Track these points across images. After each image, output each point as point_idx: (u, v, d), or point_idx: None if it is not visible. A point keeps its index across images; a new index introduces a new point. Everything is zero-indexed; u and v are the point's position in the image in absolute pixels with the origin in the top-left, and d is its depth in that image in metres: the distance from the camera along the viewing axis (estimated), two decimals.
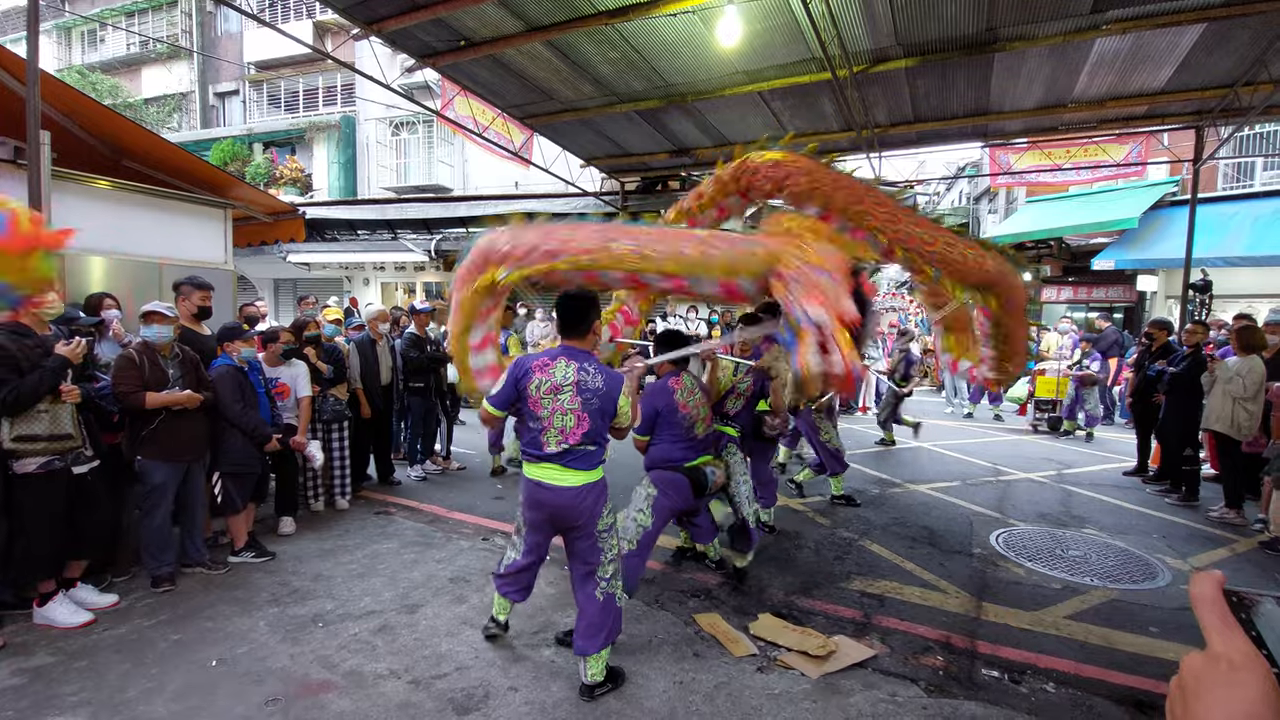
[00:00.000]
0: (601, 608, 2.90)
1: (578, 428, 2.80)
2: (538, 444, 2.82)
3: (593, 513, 2.89)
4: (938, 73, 6.88)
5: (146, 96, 21.29)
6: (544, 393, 2.78)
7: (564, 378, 2.80)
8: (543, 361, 2.84)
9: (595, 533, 2.91)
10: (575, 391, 2.80)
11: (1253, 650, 0.44)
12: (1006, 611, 3.76)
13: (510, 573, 3.12)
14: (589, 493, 2.87)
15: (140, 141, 6.09)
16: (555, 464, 2.82)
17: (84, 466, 3.41)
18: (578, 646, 2.89)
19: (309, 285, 16.81)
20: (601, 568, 2.94)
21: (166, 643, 3.27)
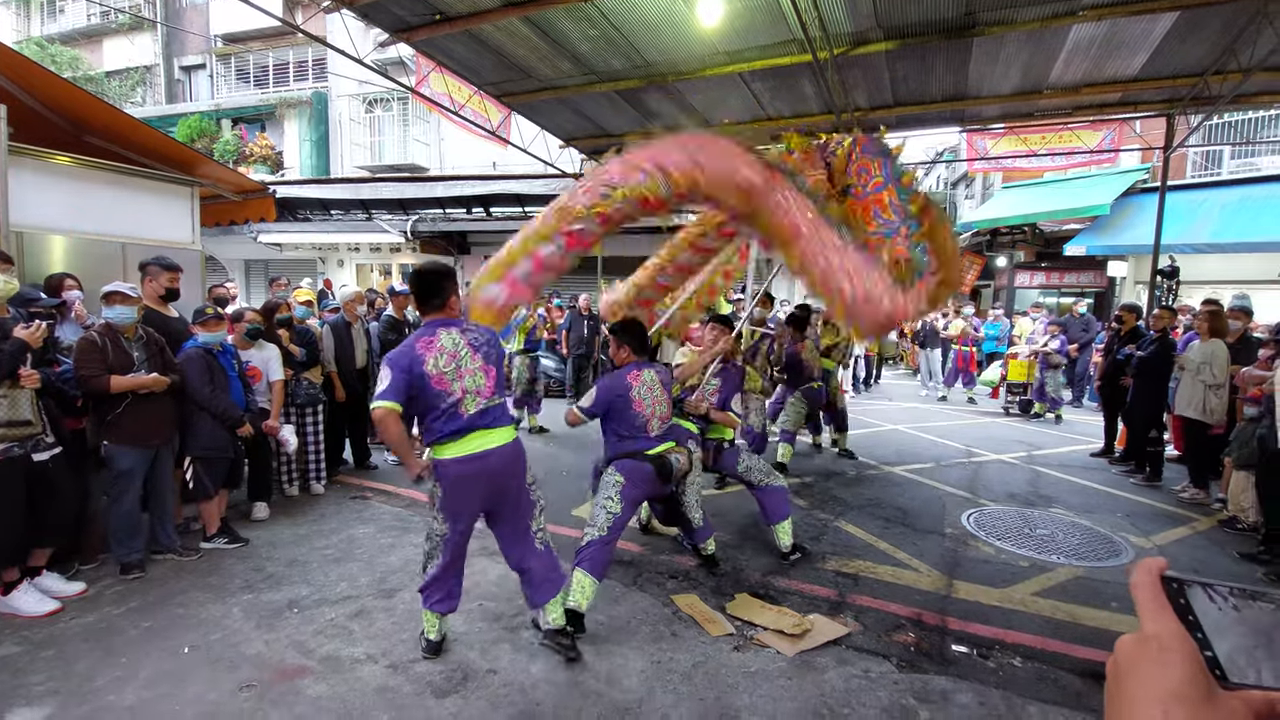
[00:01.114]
0: (544, 556, 3.02)
1: (488, 380, 2.88)
2: (455, 416, 2.79)
3: (523, 468, 2.97)
4: (917, 56, 6.88)
5: (108, 69, 20.50)
6: (444, 366, 2.78)
7: (455, 345, 2.83)
8: (424, 342, 2.80)
9: (527, 486, 2.99)
10: (472, 350, 2.86)
11: (1182, 632, 0.45)
12: (976, 589, 3.85)
13: (435, 579, 2.94)
14: (518, 447, 2.96)
15: (102, 116, 5.86)
16: (478, 430, 2.83)
17: (45, 454, 3.31)
18: (534, 599, 2.99)
19: (281, 266, 16.45)
20: (535, 520, 3.02)
21: (137, 630, 3.22)
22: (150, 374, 3.73)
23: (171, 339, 4.16)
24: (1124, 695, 0.46)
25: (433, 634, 3.04)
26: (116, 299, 3.69)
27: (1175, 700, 0.40)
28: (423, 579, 3.00)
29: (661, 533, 4.57)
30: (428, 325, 2.89)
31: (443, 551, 2.92)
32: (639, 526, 4.66)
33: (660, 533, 4.58)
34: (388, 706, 2.66)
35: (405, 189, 14.38)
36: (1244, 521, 4.92)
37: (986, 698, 2.81)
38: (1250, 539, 4.73)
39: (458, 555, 2.98)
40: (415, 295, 2.95)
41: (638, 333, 3.65)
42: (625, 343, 3.59)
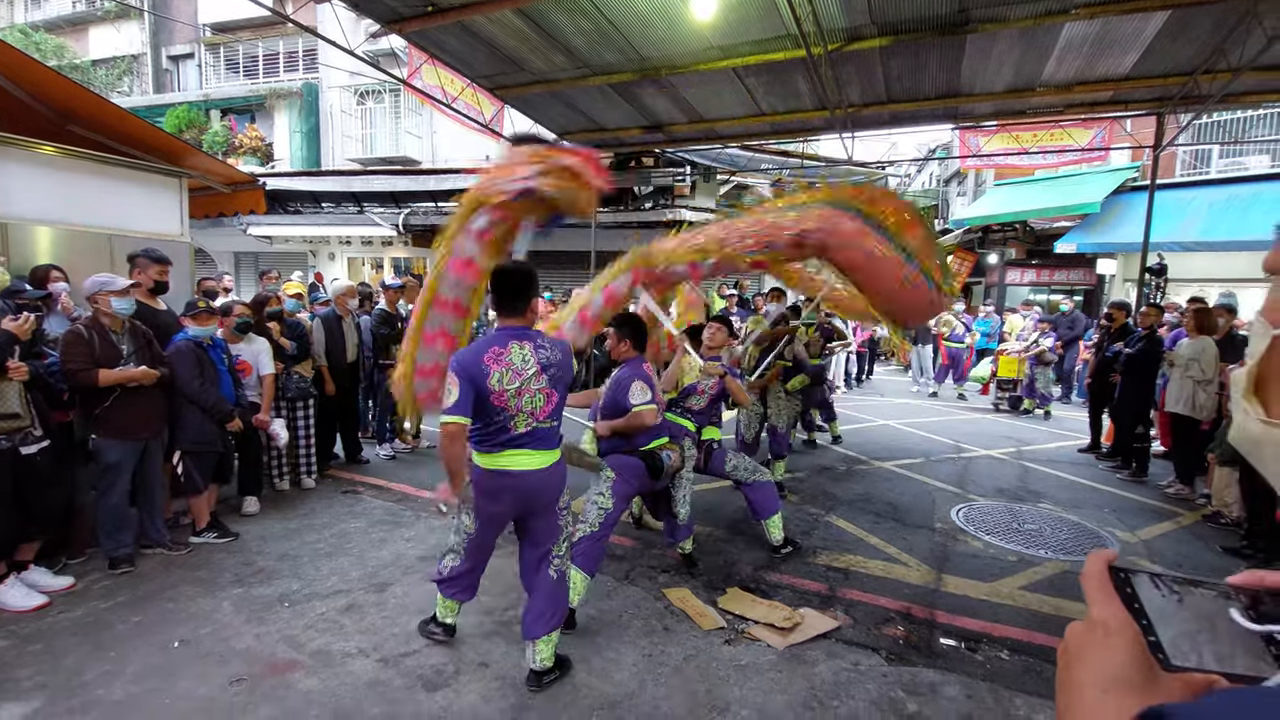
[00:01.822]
0: (555, 586, 2.84)
1: (547, 405, 2.71)
2: (504, 430, 2.65)
3: (559, 490, 2.84)
4: (911, 53, 6.89)
5: (94, 58, 20.20)
6: (507, 384, 2.60)
7: (524, 362, 2.65)
8: (494, 353, 2.62)
9: (558, 510, 2.86)
10: (540, 370, 2.68)
11: (1126, 617, 0.47)
12: (965, 583, 3.89)
13: (456, 575, 2.95)
14: (557, 470, 2.80)
15: (88, 106, 5.78)
16: (521, 448, 2.68)
17: (33, 447, 3.28)
18: (528, 630, 2.78)
19: (271, 259, 16.30)
20: (557, 546, 2.88)
21: (126, 625, 3.20)
22: (139, 367, 3.70)
23: (159, 332, 4.12)
24: (1071, 678, 0.48)
25: (450, 618, 3.07)
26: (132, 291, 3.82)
27: (1117, 681, 0.42)
28: (439, 571, 2.97)
29: (654, 527, 4.58)
30: (500, 333, 2.70)
31: (467, 553, 2.89)
32: (632, 521, 4.68)
33: (653, 527, 4.59)
34: (379, 700, 2.66)
35: (397, 182, 14.27)
36: (1228, 517, 4.99)
37: (974, 690, 2.84)
38: (1233, 534, 4.80)
39: (482, 559, 2.97)
40: (495, 296, 2.73)
41: (638, 327, 3.64)
42: (626, 336, 3.57)
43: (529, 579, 2.88)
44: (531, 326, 2.79)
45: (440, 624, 3.09)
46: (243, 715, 2.56)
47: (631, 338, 3.57)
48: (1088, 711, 0.44)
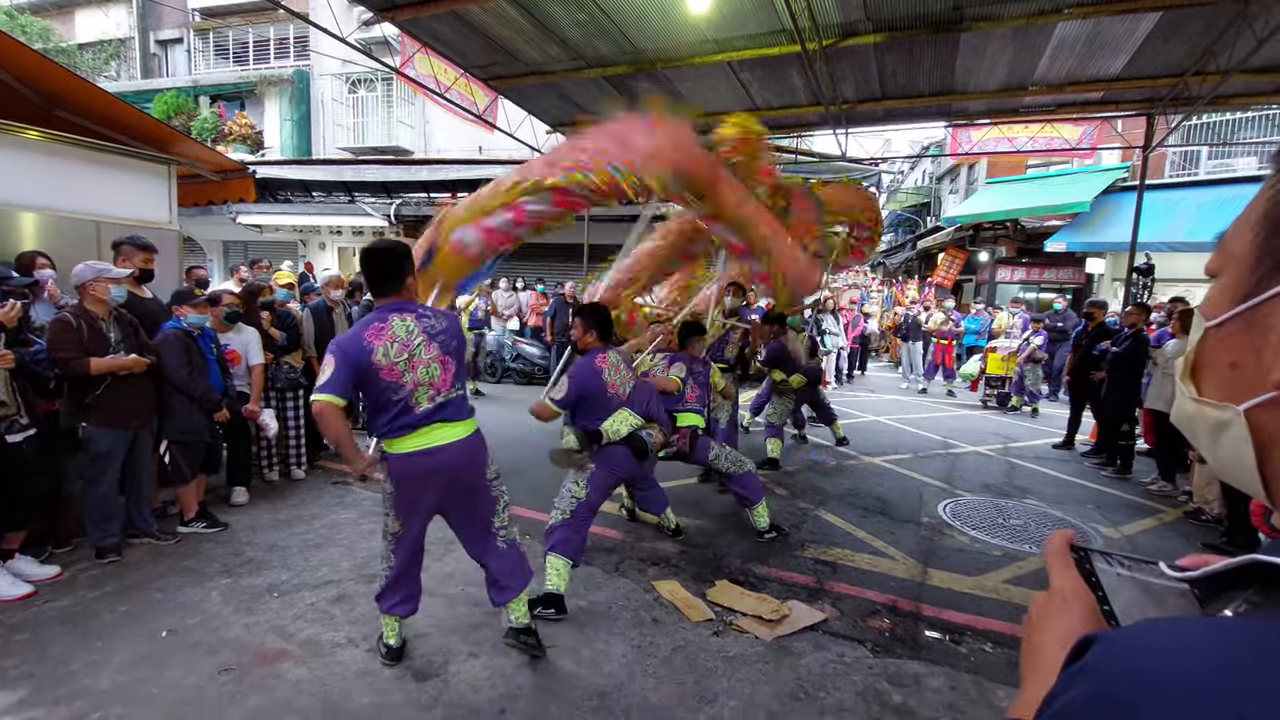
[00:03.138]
0: (506, 555, 2.85)
1: (444, 373, 2.65)
2: (407, 410, 2.58)
3: (482, 463, 2.79)
4: (905, 50, 6.90)
5: (81, 42, 19.87)
6: (395, 356, 2.54)
7: (409, 333, 2.59)
8: (375, 329, 2.55)
9: (487, 482, 2.81)
10: (427, 339, 2.62)
11: (1081, 586, 0.54)
12: (950, 577, 3.94)
13: (391, 582, 2.78)
14: (476, 441, 2.76)
15: (75, 90, 5.70)
16: (434, 423, 2.61)
17: (19, 435, 3.25)
18: (494, 599, 2.85)
19: (261, 248, 16.17)
20: (498, 516, 2.86)
21: (113, 614, 3.19)
22: (129, 355, 3.68)
23: (145, 320, 4.09)
24: (1033, 640, 0.54)
25: (392, 639, 2.86)
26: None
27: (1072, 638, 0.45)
28: (379, 583, 2.82)
29: (644, 520, 4.61)
30: (380, 310, 2.63)
31: (397, 552, 2.74)
32: (625, 514, 4.69)
33: (643, 520, 4.62)
34: (368, 690, 2.67)
35: (389, 172, 14.17)
36: (1209, 513, 5.07)
37: (957, 681, 2.88)
38: (1214, 530, 4.88)
39: (414, 556, 2.80)
40: (367, 277, 2.69)
41: (602, 316, 3.66)
42: (591, 326, 3.58)
43: (476, 555, 2.86)
44: (408, 300, 2.72)
45: (385, 646, 2.87)
46: (231, 705, 2.56)
47: (596, 328, 3.59)
48: (1047, 666, 0.50)
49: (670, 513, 4.36)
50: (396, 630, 2.88)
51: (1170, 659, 0.37)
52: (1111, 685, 0.37)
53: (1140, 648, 0.39)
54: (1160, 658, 0.37)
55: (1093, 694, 0.38)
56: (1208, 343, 0.49)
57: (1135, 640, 0.40)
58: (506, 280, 12.26)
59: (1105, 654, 0.40)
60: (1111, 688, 0.37)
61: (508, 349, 11.32)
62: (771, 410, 6.48)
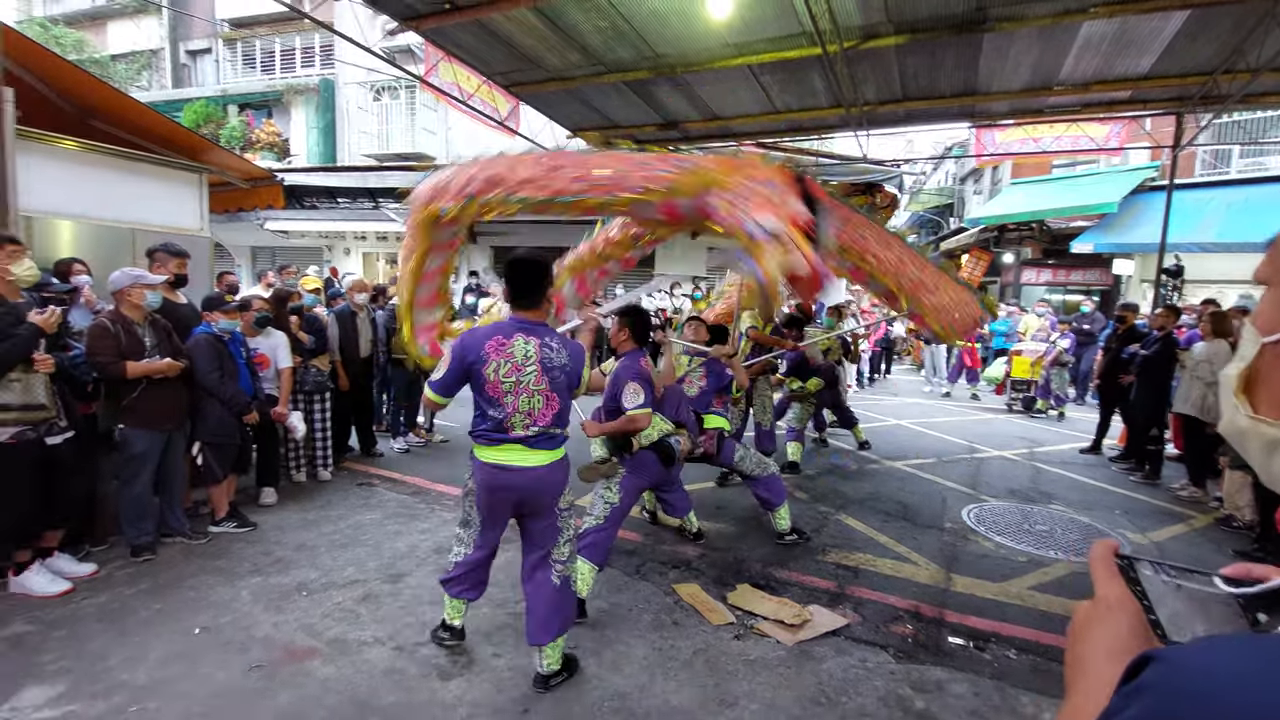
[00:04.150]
0: (557, 593, 2.75)
1: (547, 409, 2.60)
2: (500, 429, 2.59)
3: (556, 491, 2.75)
4: (927, 51, 6.85)
5: (113, 53, 20.42)
6: (504, 375, 2.54)
7: (525, 356, 2.56)
8: (497, 341, 2.56)
9: (557, 511, 2.78)
10: (541, 370, 2.57)
11: (1127, 594, 0.53)
12: (974, 583, 3.90)
13: (461, 571, 2.86)
14: (556, 470, 2.72)
15: (109, 101, 5.88)
16: (520, 445, 2.61)
17: (58, 437, 3.36)
18: (531, 635, 2.71)
19: (288, 254, 16.48)
20: (557, 549, 2.79)
21: (148, 611, 3.28)
22: (164, 359, 3.78)
23: (178, 325, 4.20)
24: (1078, 651, 0.53)
25: (457, 620, 2.96)
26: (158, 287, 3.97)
27: (1119, 650, 0.46)
28: (447, 570, 2.91)
29: (665, 524, 4.62)
30: (512, 321, 2.63)
31: (474, 546, 2.83)
32: (646, 517, 4.71)
33: (664, 524, 4.63)
34: (394, 688, 2.72)
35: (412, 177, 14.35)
36: (1240, 520, 4.95)
37: (981, 688, 2.85)
38: (1245, 537, 4.76)
39: (485, 555, 2.87)
40: (509, 287, 2.64)
41: (644, 319, 3.66)
42: (626, 326, 3.56)
43: (527, 582, 2.81)
44: (544, 322, 2.72)
45: (448, 628, 2.97)
46: (262, 701, 2.62)
47: (632, 328, 3.54)
48: (1092, 677, 0.49)
49: (693, 516, 4.37)
50: (462, 612, 2.97)
51: (1241, 681, 0.35)
52: (1173, 707, 0.36)
53: (1204, 669, 0.37)
54: (1228, 680, 0.36)
55: (1153, 715, 0.37)
56: (1265, 358, 0.48)
57: (1198, 660, 0.38)
58: None
59: (1166, 674, 0.38)
60: (1173, 709, 0.36)
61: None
62: (792, 414, 6.46)
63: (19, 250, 3.33)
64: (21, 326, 3.15)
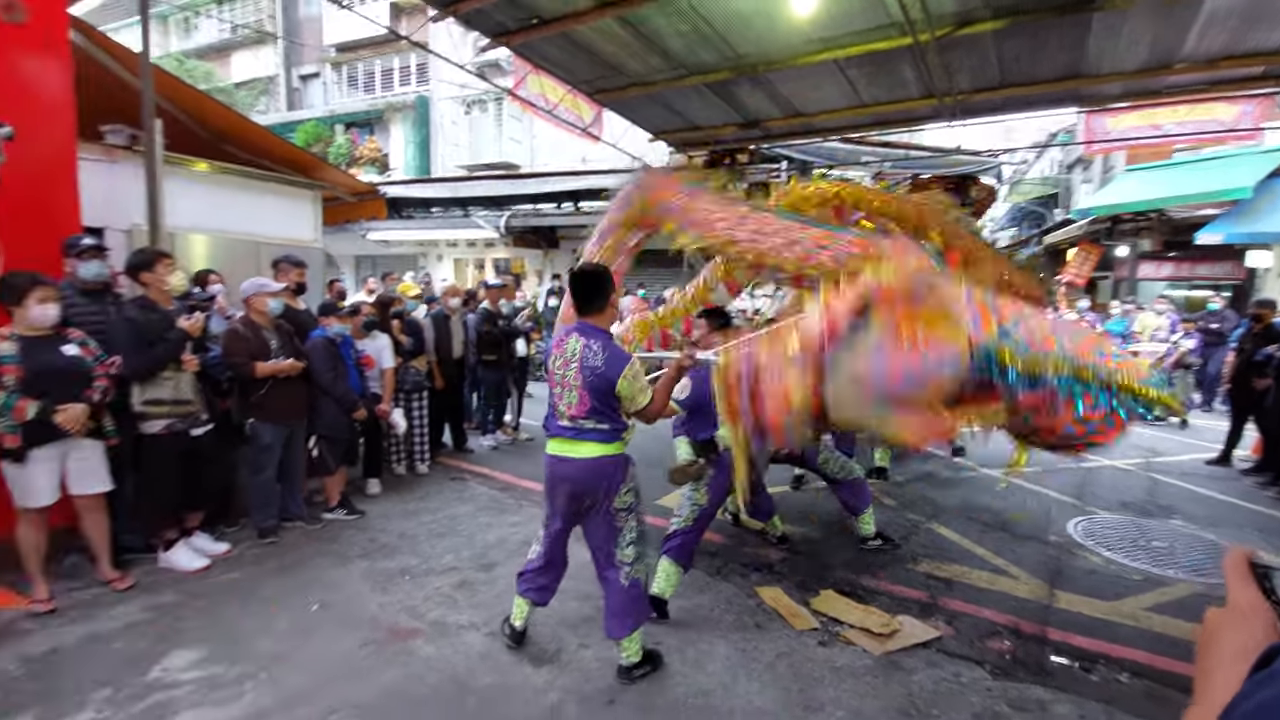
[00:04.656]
0: (625, 593, 2.80)
1: (580, 405, 2.73)
2: (553, 415, 2.83)
3: (609, 488, 2.78)
4: (1028, 34, 6.44)
5: (236, 81, 22.49)
6: (557, 369, 2.79)
7: (572, 354, 2.76)
8: (560, 338, 2.85)
9: (611, 510, 2.80)
10: (579, 368, 2.72)
11: (1260, 600, 0.52)
12: (1081, 600, 3.66)
13: (530, 568, 3.01)
14: (606, 465, 2.76)
15: (237, 126, 6.51)
16: (567, 437, 2.78)
17: (201, 430, 3.78)
18: (608, 630, 2.84)
19: (386, 262, 17.54)
20: (620, 551, 2.82)
21: (274, 588, 3.62)
22: (287, 360, 4.17)
23: (299, 328, 4.60)
24: (1209, 655, 0.53)
25: (518, 621, 3.04)
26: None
27: (1250, 653, 0.46)
28: (524, 566, 3.06)
29: (748, 526, 4.61)
30: (576, 324, 2.85)
31: (542, 539, 2.98)
32: (729, 519, 4.71)
33: (747, 526, 4.62)
34: (490, 671, 2.88)
35: (500, 186, 14.97)
36: None
37: (1087, 710, 2.69)
38: None
39: (554, 551, 2.96)
40: (574, 295, 2.85)
41: (726, 320, 3.67)
42: (717, 328, 3.58)
43: (601, 581, 2.91)
44: (605, 327, 2.86)
45: (511, 626, 3.06)
46: (372, 675, 2.84)
47: (722, 330, 3.56)
48: (1222, 678, 0.49)
49: (777, 519, 4.34)
50: (524, 615, 3.04)
51: None
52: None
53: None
54: None
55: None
56: None
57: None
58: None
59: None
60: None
61: None
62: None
63: (171, 263, 3.77)
64: (173, 331, 3.58)
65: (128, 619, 3.25)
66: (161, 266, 3.69)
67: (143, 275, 3.65)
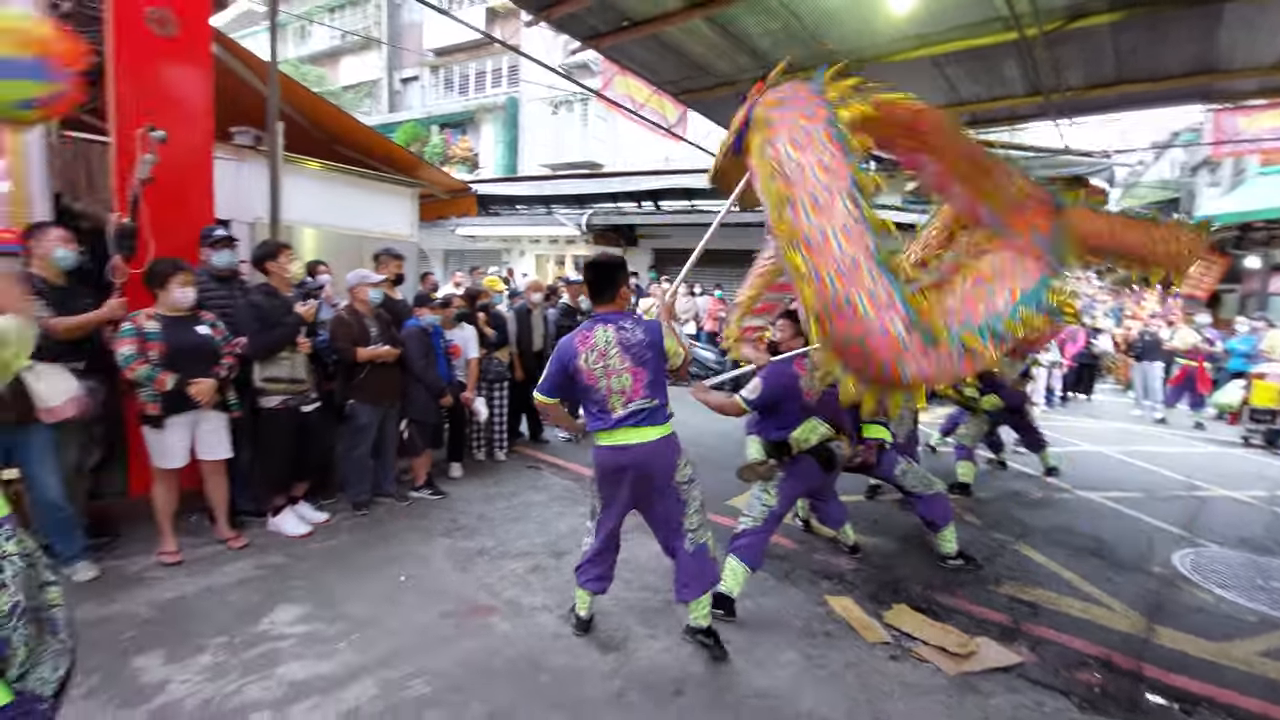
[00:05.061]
0: (692, 559, 2.95)
1: (636, 383, 2.81)
2: (604, 412, 2.85)
3: (670, 466, 2.90)
4: (1148, 27, 5.97)
5: (344, 84, 24.05)
6: (593, 363, 2.81)
7: (606, 342, 2.82)
8: (582, 336, 2.86)
9: (675, 484, 2.92)
10: (621, 350, 2.80)
11: None
12: (1184, 638, 3.39)
13: (587, 559, 3.09)
14: (665, 445, 2.89)
15: (347, 127, 6.99)
16: (628, 425, 2.83)
17: (310, 406, 4.12)
18: (678, 594, 3.00)
19: (473, 256, 18.32)
20: (687, 519, 2.96)
21: (366, 557, 3.90)
22: (385, 346, 4.46)
23: (396, 318, 4.91)
24: None
25: (583, 610, 3.15)
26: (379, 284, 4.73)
27: None
28: (580, 557, 3.16)
29: (819, 533, 4.54)
30: (592, 318, 2.93)
31: (596, 533, 3.05)
32: (799, 524, 4.67)
33: (818, 532, 4.56)
34: (561, 652, 3.00)
35: (583, 184, 15.31)
36: None
37: None
38: None
39: (610, 541, 3.06)
40: (589, 286, 2.98)
41: None
42: (799, 330, 3.56)
43: (668, 549, 3.06)
44: (620, 310, 2.95)
45: (576, 615, 3.17)
46: (452, 645, 3.02)
47: (804, 332, 3.52)
48: None
49: (849, 528, 4.25)
50: (588, 604, 3.16)
51: None
52: None
53: None
54: None
55: None
56: None
57: None
58: (685, 284, 12.63)
59: None
60: None
61: None
62: (964, 431, 5.97)
63: (292, 254, 4.14)
64: (290, 316, 3.92)
65: (241, 575, 3.59)
66: (284, 256, 4.06)
67: (267, 264, 4.02)
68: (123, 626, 3.01)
